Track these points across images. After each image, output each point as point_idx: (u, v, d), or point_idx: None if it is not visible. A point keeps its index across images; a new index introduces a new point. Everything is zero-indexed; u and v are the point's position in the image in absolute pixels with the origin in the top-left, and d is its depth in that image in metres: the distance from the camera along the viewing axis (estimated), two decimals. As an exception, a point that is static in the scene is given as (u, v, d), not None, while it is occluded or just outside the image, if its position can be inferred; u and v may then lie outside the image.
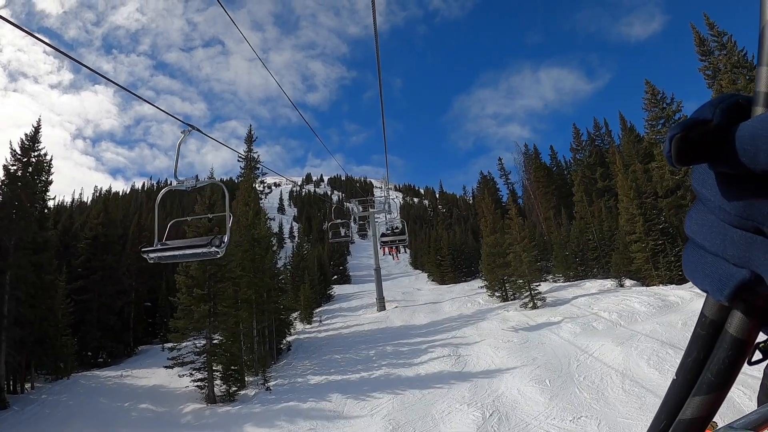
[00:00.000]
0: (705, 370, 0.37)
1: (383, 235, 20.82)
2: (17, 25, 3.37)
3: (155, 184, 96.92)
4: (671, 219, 26.46)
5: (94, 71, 4.27)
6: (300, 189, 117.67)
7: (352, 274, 54.12)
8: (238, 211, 23.43)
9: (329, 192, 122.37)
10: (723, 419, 0.42)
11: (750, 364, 0.35)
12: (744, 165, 0.27)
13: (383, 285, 29.81)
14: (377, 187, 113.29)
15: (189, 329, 17.02)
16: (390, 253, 25.15)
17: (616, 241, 28.87)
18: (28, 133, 20.31)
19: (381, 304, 28.26)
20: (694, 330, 0.38)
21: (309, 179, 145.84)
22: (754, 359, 0.35)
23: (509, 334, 17.71)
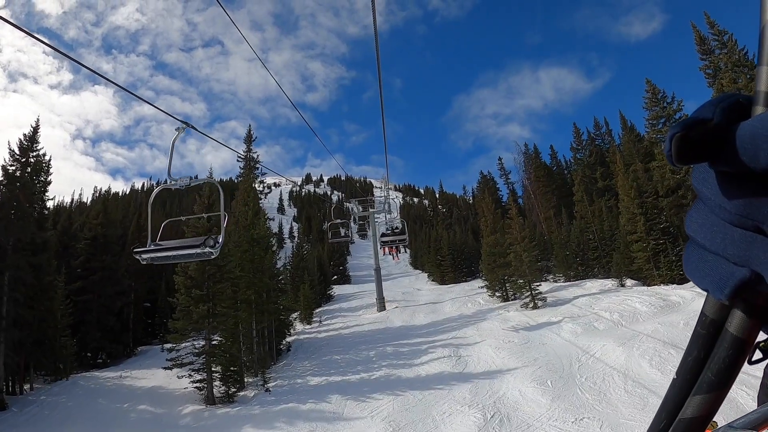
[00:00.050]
0: (705, 369, 0.37)
1: (383, 235, 20.71)
2: (17, 26, 3.35)
3: (155, 184, 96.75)
4: (672, 218, 26.37)
5: (93, 71, 4.23)
6: (300, 189, 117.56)
7: (352, 274, 54.04)
8: (237, 211, 23.36)
9: (329, 192, 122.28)
10: (725, 418, 0.41)
11: (750, 363, 0.35)
12: (744, 164, 0.28)
13: (383, 285, 29.74)
14: (377, 187, 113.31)
15: (188, 330, 16.95)
16: (390, 253, 25.05)
17: (616, 241, 28.83)
18: (26, 134, 20.30)
19: (381, 304, 28.19)
20: (694, 329, 0.38)
21: (309, 179, 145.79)
22: (754, 358, 0.35)
23: (510, 334, 17.63)
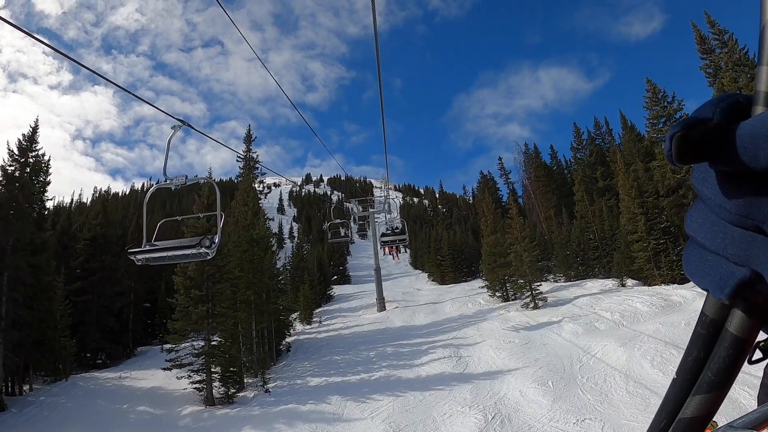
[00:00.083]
0: (705, 369, 0.37)
1: (383, 235, 20.67)
2: (17, 26, 3.33)
3: (154, 184, 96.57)
4: (673, 218, 26.30)
5: (93, 72, 4.23)
6: (300, 189, 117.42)
7: (352, 274, 53.93)
8: (237, 211, 23.29)
9: (329, 192, 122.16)
10: (726, 418, 0.42)
11: (750, 362, 0.35)
12: (744, 164, 0.28)
13: (383, 285, 29.68)
14: (377, 187, 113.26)
15: (187, 330, 16.89)
16: (390, 253, 25.02)
17: (617, 241, 28.76)
18: (25, 134, 20.22)
19: (381, 304, 28.13)
20: (694, 329, 0.38)
21: (309, 179, 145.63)
22: (754, 358, 0.35)
23: (510, 334, 17.57)
